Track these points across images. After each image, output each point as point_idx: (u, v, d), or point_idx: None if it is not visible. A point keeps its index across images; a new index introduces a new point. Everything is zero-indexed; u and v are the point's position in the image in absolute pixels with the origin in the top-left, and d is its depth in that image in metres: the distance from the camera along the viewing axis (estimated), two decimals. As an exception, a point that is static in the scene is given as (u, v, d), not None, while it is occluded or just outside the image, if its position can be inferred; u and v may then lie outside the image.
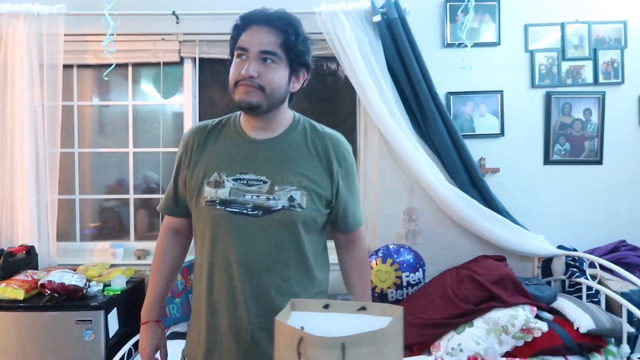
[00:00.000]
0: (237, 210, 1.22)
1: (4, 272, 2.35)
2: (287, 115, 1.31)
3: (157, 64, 2.84)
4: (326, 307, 1.15)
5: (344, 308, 1.15)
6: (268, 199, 1.21)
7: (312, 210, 1.24)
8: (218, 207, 1.22)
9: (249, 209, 1.21)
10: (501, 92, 2.77)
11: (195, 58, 2.83)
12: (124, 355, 2.19)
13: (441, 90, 2.72)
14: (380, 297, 2.56)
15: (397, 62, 2.64)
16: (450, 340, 2.19)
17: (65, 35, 2.68)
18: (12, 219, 2.67)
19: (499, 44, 2.77)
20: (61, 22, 2.66)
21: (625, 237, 2.71)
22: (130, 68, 2.92)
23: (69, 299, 2.24)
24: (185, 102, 2.91)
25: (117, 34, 2.65)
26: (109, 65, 2.68)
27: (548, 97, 2.76)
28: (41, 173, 2.70)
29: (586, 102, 2.75)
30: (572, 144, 2.78)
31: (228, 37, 2.77)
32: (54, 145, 2.72)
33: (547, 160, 2.80)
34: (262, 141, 1.27)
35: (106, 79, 2.74)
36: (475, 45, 2.73)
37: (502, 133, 2.79)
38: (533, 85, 2.77)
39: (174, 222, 1.40)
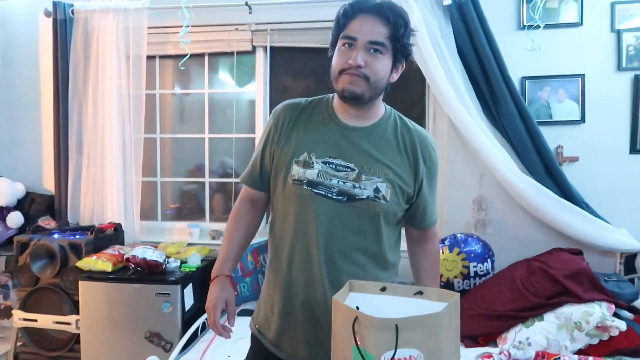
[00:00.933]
0: (323, 192, 1.23)
1: (94, 246, 2.59)
2: (380, 106, 1.31)
3: (232, 53, 2.96)
4: (383, 289, 1.17)
5: (401, 291, 1.16)
6: (354, 186, 1.22)
7: (394, 204, 1.25)
8: (305, 187, 1.24)
9: (335, 194, 1.23)
10: (582, 75, 2.60)
11: (266, 47, 2.91)
12: (198, 327, 2.35)
13: (515, 75, 2.60)
14: (446, 286, 2.53)
15: (468, 46, 2.56)
16: (518, 333, 2.13)
17: (148, 28, 2.87)
18: (102, 198, 2.93)
19: (581, 24, 2.59)
20: (145, 16, 2.85)
21: None
22: (206, 58, 3.07)
23: (150, 273, 2.44)
24: (257, 89, 3.01)
25: (193, 26, 2.80)
26: (188, 55, 2.84)
27: (637, 81, 2.55)
28: (127, 157, 2.93)
29: (681, 86, 2.51)
30: (663, 131, 2.56)
31: (298, 26, 2.84)
32: (138, 131, 2.94)
33: (634, 149, 2.60)
34: (354, 128, 1.27)
35: (182, 68, 2.90)
36: (554, 26, 2.58)
37: (582, 120, 2.63)
38: (619, 68, 2.57)
39: (252, 194, 1.40)
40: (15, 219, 2.90)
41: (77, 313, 2.51)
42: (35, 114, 3.16)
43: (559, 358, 1.94)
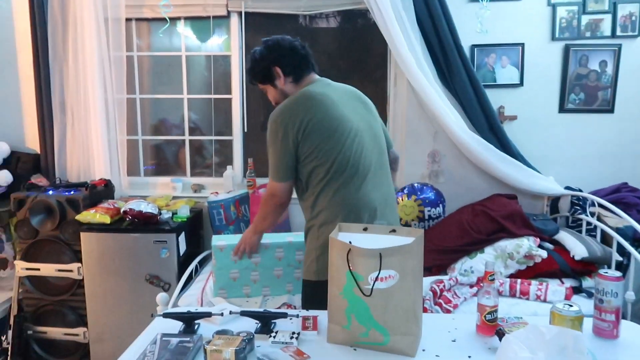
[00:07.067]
0: None
1: (90, 201, 2.82)
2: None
3: (207, 18, 3.13)
4: (365, 229, 1.54)
5: (379, 230, 1.53)
6: None
7: None
8: None
9: None
10: (522, 44, 2.99)
11: (241, 12, 3.10)
12: (192, 270, 2.67)
13: (466, 43, 2.95)
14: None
15: (426, 16, 2.86)
16: (464, 264, 2.59)
17: (125, -9, 3.00)
18: (88, 156, 3.12)
19: (522, -3, 2.95)
20: (121, -22, 2.96)
21: (627, 180, 2.99)
22: (181, 22, 3.22)
23: (146, 223, 2.71)
24: (232, 55, 3.21)
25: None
26: (163, 18, 3.02)
27: (567, 50, 2.96)
28: (110, 117, 3.11)
29: (602, 54, 2.95)
30: (586, 93, 3.01)
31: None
32: (120, 92, 3.11)
33: (562, 109, 3.04)
34: None
35: (161, 35, 3.06)
36: None
37: (521, 83, 3.03)
38: (553, 38, 2.97)
39: None
40: (4, 177, 3.05)
41: (78, 262, 2.77)
42: (12, 73, 3.22)
43: (494, 275, 2.42)
